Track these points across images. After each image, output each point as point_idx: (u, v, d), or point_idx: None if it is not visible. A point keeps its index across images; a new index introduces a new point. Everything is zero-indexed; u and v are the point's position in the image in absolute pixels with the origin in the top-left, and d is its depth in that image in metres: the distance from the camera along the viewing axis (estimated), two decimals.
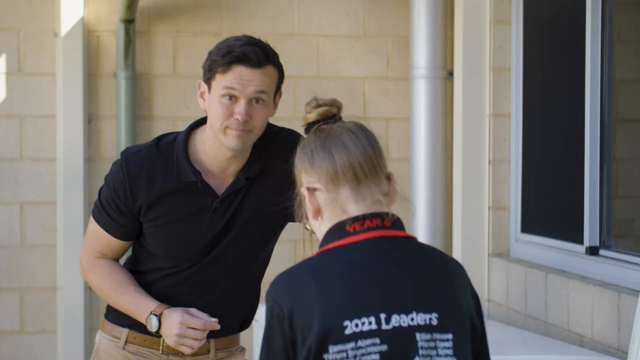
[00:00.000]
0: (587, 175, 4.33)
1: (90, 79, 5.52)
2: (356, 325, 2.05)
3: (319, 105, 2.22)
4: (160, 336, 2.94)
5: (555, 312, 4.34)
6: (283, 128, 3.00)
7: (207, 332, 2.84)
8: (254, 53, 2.75)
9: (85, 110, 5.47)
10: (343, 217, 2.14)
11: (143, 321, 2.90)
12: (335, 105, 2.23)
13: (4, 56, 5.46)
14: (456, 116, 5.08)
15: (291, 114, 5.64)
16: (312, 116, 2.22)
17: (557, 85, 4.72)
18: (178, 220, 2.88)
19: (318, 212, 2.16)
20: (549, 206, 4.76)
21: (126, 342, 2.98)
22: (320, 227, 2.18)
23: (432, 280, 2.13)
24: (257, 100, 2.77)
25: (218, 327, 2.85)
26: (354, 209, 2.14)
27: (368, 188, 2.14)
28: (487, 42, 4.98)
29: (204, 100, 2.83)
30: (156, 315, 2.87)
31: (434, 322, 2.08)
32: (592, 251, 4.31)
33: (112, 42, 5.51)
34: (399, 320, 2.07)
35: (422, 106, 4.99)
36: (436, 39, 4.98)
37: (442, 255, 2.22)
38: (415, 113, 5.02)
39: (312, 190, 2.17)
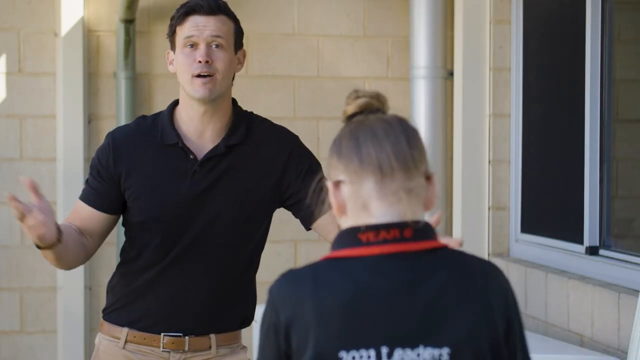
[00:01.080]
0: (587, 175, 4.33)
1: (90, 79, 5.52)
2: (353, 358, 1.82)
3: (358, 97, 1.98)
4: (160, 333, 2.96)
5: (555, 312, 4.34)
6: (269, 120, 3.11)
7: (38, 210, 2.72)
8: (205, 2, 2.96)
9: (85, 110, 5.47)
10: (363, 215, 1.90)
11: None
12: (378, 98, 1.99)
13: (4, 56, 5.46)
14: (456, 116, 5.08)
15: (291, 114, 5.64)
16: (351, 108, 1.98)
17: (557, 85, 4.72)
18: (159, 182, 2.94)
19: (342, 209, 1.93)
20: (549, 206, 4.76)
21: (126, 341, 2.99)
22: (344, 225, 1.95)
23: (451, 304, 1.86)
24: (217, 45, 2.94)
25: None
26: (376, 205, 1.89)
27: (394, 183, 1.90)
28: (487, 42, 4.98)
29: (173, 65, 3.03)
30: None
31: (444, 357, 1.84)
32: (592, 251, 4.31)
33: (112, 42, 5.52)
34: (403, 355, 1.83)
35: (422, 106, 4.99)
36: (436, 39, 4.98)
37: (472, 266, 1.92)
38: (415, 113, 5.02)
39: (337, 184, 1.93)
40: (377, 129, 1.93)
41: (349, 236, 1.91)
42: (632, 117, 4.80)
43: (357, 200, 1.91)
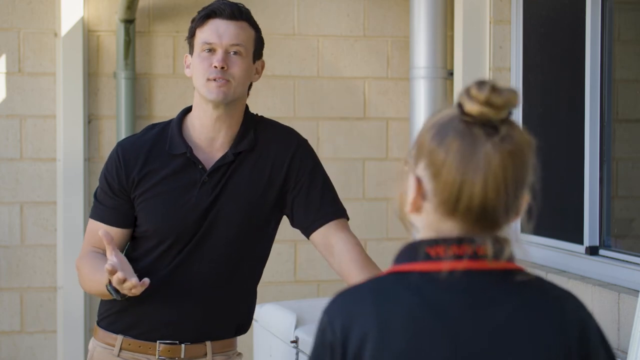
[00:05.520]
0: (587, 175, 4.33)
1: (90, 79, 5.52)
2: None
3: (489, 99, 1.82)
4: (156, 341, 2.93)
5: None
6: (278, 122, 3.09)
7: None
8: (227, 7, 2.92)
9: (85, 110, 5.47)
10: (441, 225, 1.74)
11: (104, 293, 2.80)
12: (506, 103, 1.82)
13: (4, 56, 5.46)
14: None
15: (291, 113, 5.64)
16: (476, 109, 1.82)
17: (557, 86, 4.72)
18: (168, 192, 2.91)
19: (417, 209, 1.75)
20: (549, 206, 4.76)
21: (121, 349, 2.96)
22: (417, 222, 1.78)
23: (522, 333, 1.71)
24: (235, 52, 2.89)
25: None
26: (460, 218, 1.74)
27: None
28: (487, 42, 4.98)
29: (190, 69, 2.96)
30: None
31: None
32: (592, 251, 4.31)
33: (112, 42, 5.52)
34: None
35: (422, 106, 4.99)
36: (436, 39, 4.98)
37: (548, 294, 1.77)
38: (415, 113, 5.02)
39: (420, 185, 1.75)
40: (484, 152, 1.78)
41: (415, 250, 1.74)
42: (632, 117, 4.80)
43: (432, 224, 1.75)
